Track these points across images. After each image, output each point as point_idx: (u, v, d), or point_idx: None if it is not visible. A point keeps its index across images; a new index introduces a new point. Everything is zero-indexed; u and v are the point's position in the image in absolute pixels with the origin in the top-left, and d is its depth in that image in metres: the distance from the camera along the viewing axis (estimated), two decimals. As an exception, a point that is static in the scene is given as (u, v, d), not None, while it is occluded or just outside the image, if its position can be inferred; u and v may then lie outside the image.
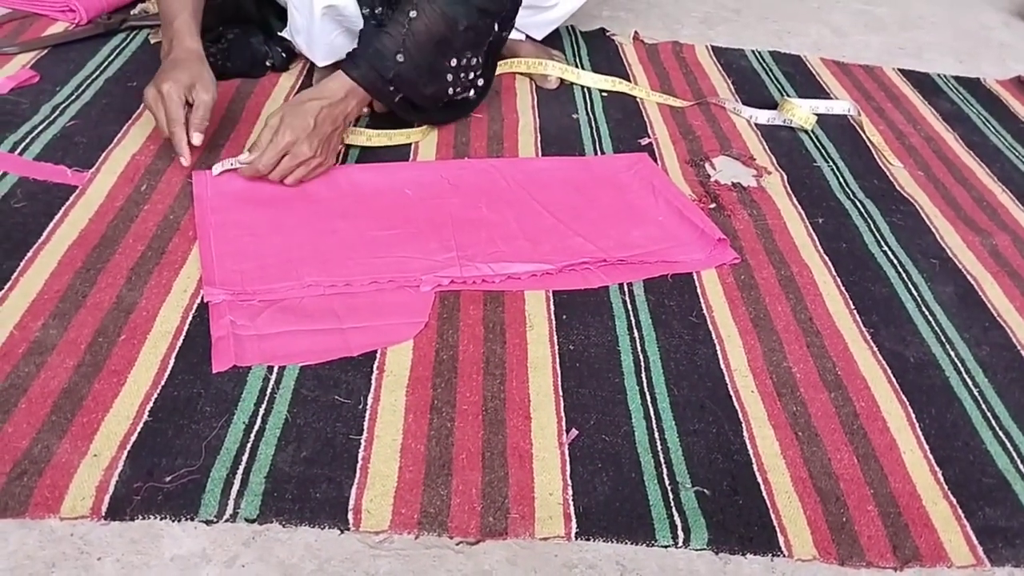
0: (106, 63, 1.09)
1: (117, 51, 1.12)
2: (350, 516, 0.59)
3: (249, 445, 0.63)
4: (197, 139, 0.87)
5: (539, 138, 1.09)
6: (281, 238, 0.84)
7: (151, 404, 0.65)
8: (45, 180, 0.86)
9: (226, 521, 0.58)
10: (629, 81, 1.25)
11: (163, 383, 0.67)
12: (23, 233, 0.80)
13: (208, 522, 0.58)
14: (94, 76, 1.06)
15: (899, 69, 1.44)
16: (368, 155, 1.00)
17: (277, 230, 0.85)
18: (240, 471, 0.61)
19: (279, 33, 1.11)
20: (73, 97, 1.01)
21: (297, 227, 0.85)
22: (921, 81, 1.41)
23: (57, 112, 0.97)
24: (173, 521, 0.58)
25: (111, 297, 0.74)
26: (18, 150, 0.90)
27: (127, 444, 0.62)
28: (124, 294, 0.75)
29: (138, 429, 0.63)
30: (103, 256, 0.78)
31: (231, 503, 0.59)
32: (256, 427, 0.65)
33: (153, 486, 0.59)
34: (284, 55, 1.12)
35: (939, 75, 1.44)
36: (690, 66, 1.35)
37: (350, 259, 0.82)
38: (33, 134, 0.93)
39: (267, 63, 1.11)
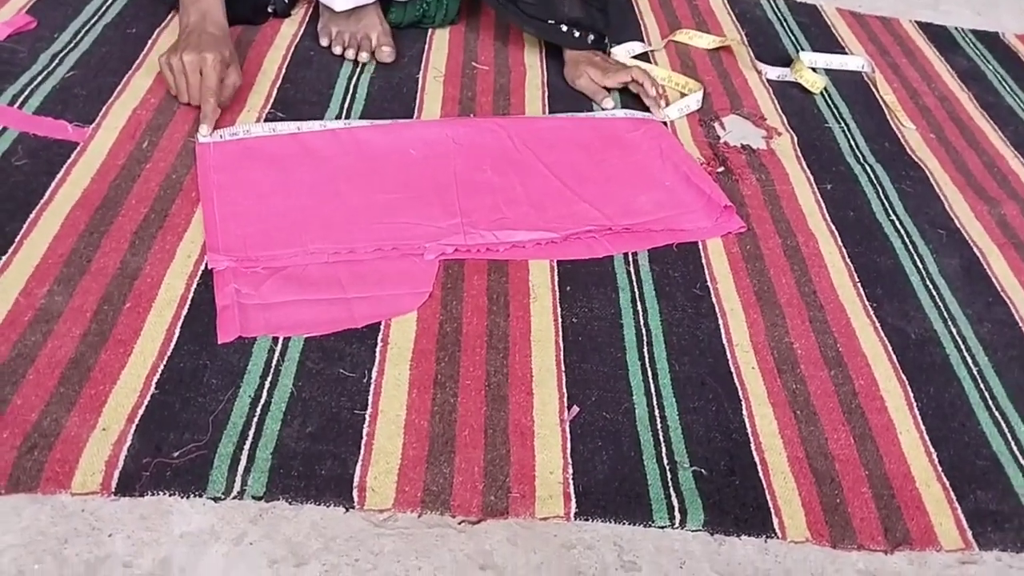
0: (104, 6, 1.06)
1: (115, -7, 1.09)
2: (355, 494, 0.61)
3: (255, 420, 0.64)
4: (217, 113, 0.90)
5: (547, 93, 1.07)
6: (285, 200, 0.83)
7: (158, 376, 0.66)
8: (46, 136, 0.85)
9: (234, 498, 0.59)
10: (643, 41, 1.22)
11: (169, 354, 0.68)
12: (25, 193, 0.79)
13: (216, 499, 0.59)
14: (92, 22, 1.03)
15: (916, 22, 1.41)
16: (372, 110, 0.98)
17: (281, 191, 0.84)
18: (247, 446, 0.62)
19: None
20: (72, 45, 0.98)
21: (301, 188, 0.85)
22: (938, 35, 1.38)
23: (56, 62, 0.95)
24: (182, 497, 0.59)
25: (115, 262, 0.74)
26: (17, 103, 0.88)
27: (135, 417, 0.63)
28: (128, 259, 0.75)
29: (145, 402, 0.64)
30: (106, 218, 0.78)
31: (238, 480, 0.60)
32: (262, 401, 0.66)
33: (162, 461, 0.60)
34: (286, 0, 1.09)
35: (956, 28, 1.41)
36: (703, 15, 1.31)
37: (354, 224, 0.81)
38: (32, 86, 0.91)
39: (268, 9, 1.09)
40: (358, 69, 1.04)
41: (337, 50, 1.05)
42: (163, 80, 0.92)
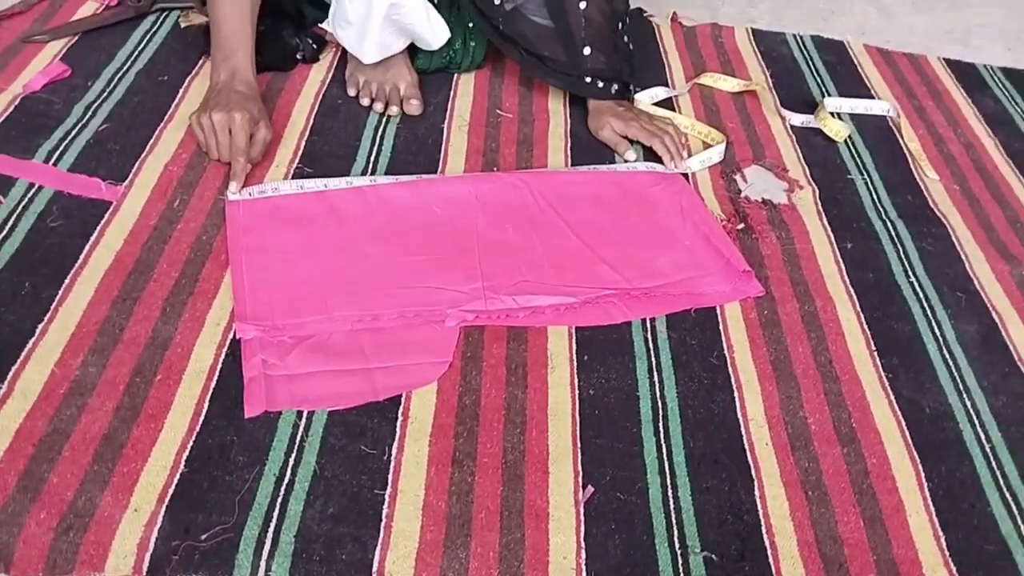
0: (137, 52, 1.08)
1: (148, 37, 1.11)
2: (374, 579, 0.63)
3: (280, 499, 0.66)
4: (248, 169, 0.93)
5: (569, 144, 1.08)
6: (311, 263, 0.85)
7: (187, 453, 0.68)
8: (80, 195, 0.88)
9: (258, 584, 0.62)
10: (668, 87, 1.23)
11: (198, 429, 0.70)
12: (60, 256, 0.82)
13: (241, 583, 0.62)
14: (125, 68, 1.05)
15: (944, 59, 1.40)
16: (398, 163, 1.00)
17: (308, 253, 0.86)
18: (271, 529, 0.64)
19: (319, 25, 1.09)
20: (105, 95, 1.01)
21: (327, 250, 0.87)
22: (966, 73, 1.37)
23: (89, 113, 0.98)
24: (209, 582, 0.61)
25: (147, 331, 0.77)
26: (52, 159, 0.91)
27: (165, 497, 0.65)
28: (159, 327, 0.77)
29: (175, 481, 0.66)
30: (138, 284, 0.80)
31: (263, 564, 0.62)
32: (286, 479, 0.68)
33: (190, 544, 0.62)
34: (315, 46, 1.11)
35: (985, 66, 1.40)
36: (728, 54, 1.32)
37: (378, 289, 0.83)
38: (66, 140, 0.94)
39: (297, 56, 1.10)
40: (384, 119, 1.06)
41: (365, 102, 1.06)
42: (193, 134, 0.95)
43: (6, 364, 0.72)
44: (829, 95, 1.25)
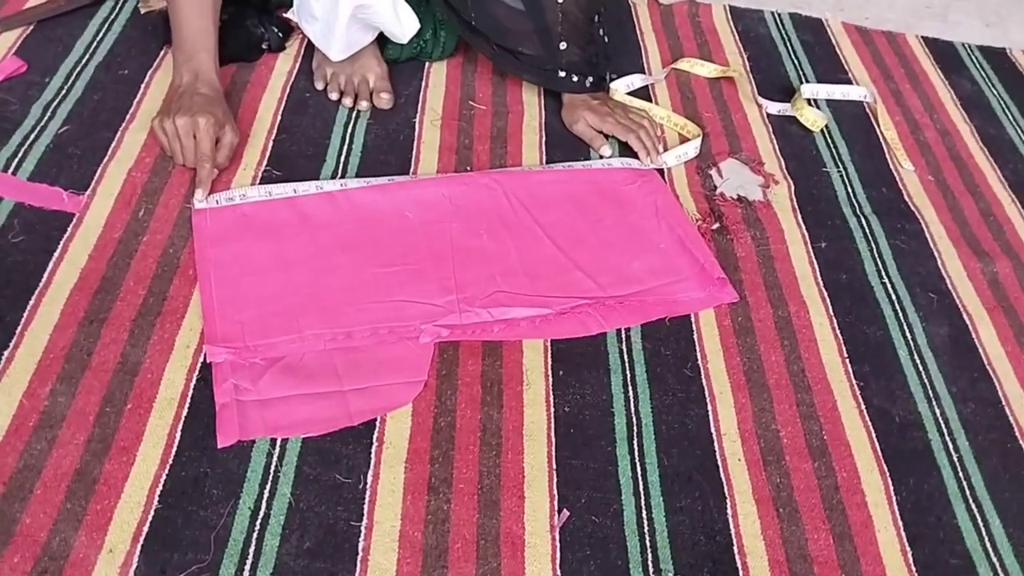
0: (95, 43, 1.04)
1: (106, 25, 1.07)
2: (352, 616, 0.63)
3: (255, 535, 0.66)
4: (214, 175, 0.90)
5: (544, 139, 1.06)
6: (281, 277, 0.84)
7: (160, 487, 0.68)
8: (41, 207, 0.85)
9: (236, 624, 0.62)
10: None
11: (171, 462, 0.69)
12: (23, 275, 0.80)
13: (219, 625, 0.62)
14: (83, 62, 1.01)
15: (922, 37, 1.38)
16: (368, 162, 0.98)
17: (278, 266, 0.84)
18: (248, 567, 0.64)
19: (283, 15, 1.06)
20: (63, 93, 0.97)
21: (297, 263, 0.85)
22: (944, 53, 1.36)
23: (48, 115, 0.94)
24: (187, 624, 0.62)
25: (115, 356, 0.75)
26: (11, 167, 0.88)
27: (140, 536, 0.65)
28: (128, 351, 0.76)
29: (149, 518, 0.66)
30: (105, 304, 0.79)
31: (240, 605, 0.63)
32: (261, 512, 0.68)
33: (167, 585, 0.63)
34: (280, 34, 1.08)
35: (963, 44, 1.39)
36: (706, 34, 1.29)
37: (350, 305, 0.82)
38: (25, 145, 0.90)
39: (263, 46, 1.07)
40: (354, 114, 1.03)
41: (334, 96, 1.04)
42: (156, 138, 0.92)
43: (-27, 395, 0.71)
44: (807, 79, 1.24)
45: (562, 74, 1.04)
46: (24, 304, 0.77)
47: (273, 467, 0.71)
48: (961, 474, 0.81)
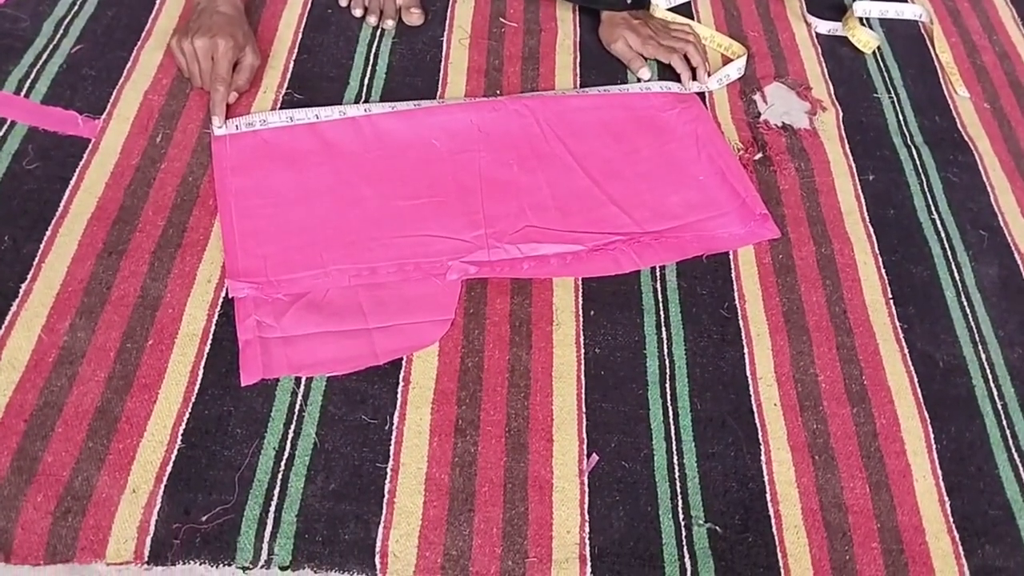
0: (107, -49, 0.99)
1: (118, -66, 1.02)
2: (377, 560, 0.63)
3: (280, 476, 0.65)
4: (233, 98, 0.86)
5: (578, 60, 1.01)
6: (305, 208, 0.81)
7: (183, 426, 0.67)
8: (56, 131, 0.82)
9: (261, 567, 0.62)
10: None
11: (193, 400, 0.68)
12: (39, 204, 0.77)
13: (244, 568, 0.61)
14: (96, -25, 0.97)
15: (986, -51, 1.29)
16: (394, 85, 0.93)
17: (302, 197, 0.81)
18: (272, 508, 0.64)
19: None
20: (76, 8, 0.93)
21: (321, 194, 0.82)
22: (1009, -33, 1.27)
23: (60, 32, 0.90)
24: (211, 566, 0.61)
25: (135, 289, 0.73)
26: (24, 89, 0.85)
27: (163, 476, 0.64)
28: (148, 285, 0.74)
29: (172, 458, 0.65)
30: (123, 235, 0.76)
31: (265, 547, 0.62)
32: (286, 454, 0.67)
33: (191, 527, 0.62)
34: (301, -55, 1.02)
35: (1030, -43, 1.29)
36: (752, -56, 1.21)
37: (375, 240, 0.79)
38: (37, 65, 0.87)
39: (283, -42, 1.01)
40: (378, 33, 0.98)
41: (357, 13, 0.98)
42: (173, 59, 0.88)
43: (-8, 329, 0.70)
44: (859, -5, 1.16)
45: None
46: (41, 235, 0.75)
47: (298, 406, 0.69)
48: (1005, 422, 0.78)
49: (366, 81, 0.93)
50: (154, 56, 0.90)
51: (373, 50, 0.97)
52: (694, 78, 0.99)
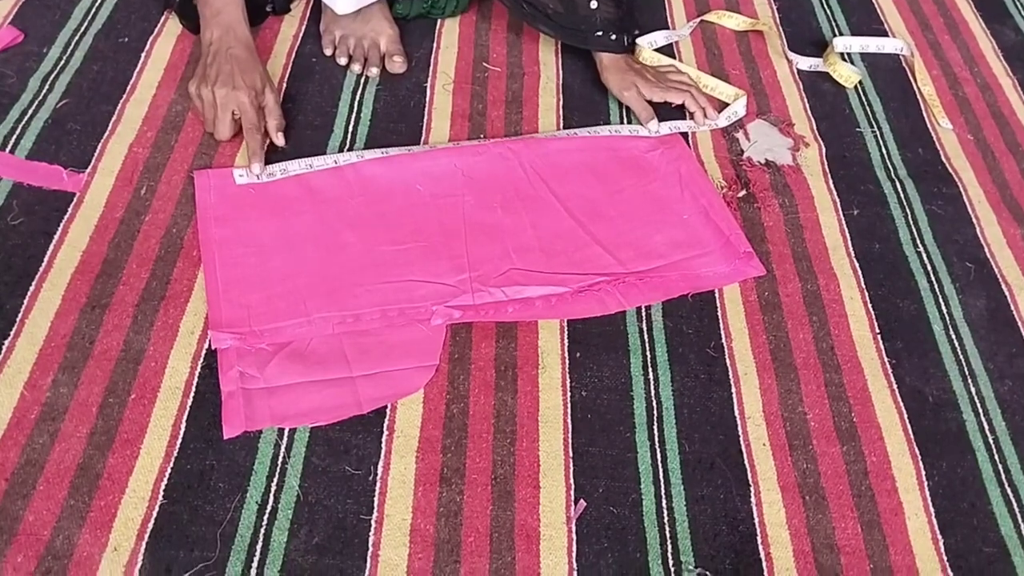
0: (94, 8, 1.00)
1: (105, -12, 1.03)
2: (361, 616, 0.62)
3: (263, 530, 0.65)
4: (281, 140, 0.89)
5: (561, 101, 1.02)
6: (287, 256, 0.81)
7: (165, 481, 0.66)
8: (41, 186, 0.83)
9: (243, 625, 0.61)
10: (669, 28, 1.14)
11: (175, 454, 0.68)
12: (23, 260, 0.77)
13: (226, 626, 0.61)
14: (82, 30, 0.98)
15: (965, -18, 1.30)
16: (378, 132, 0.94)
17: (284, 245, 0.82)
18: (255, 564, 0.63)
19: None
20: (62, 63, 0.94)
21: (304, 241, 0.82)
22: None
23: (46, 87, 0.91)
24: (193, 625, 0.60)
25: (118, 343, 0.73)
26: (10, 144, 0.85)
27: (144, 533, 0.63)
28: (131, 338, 0.74)
29: (154, 514, 0.64)
30: (107, 288, 0.77)
31: (247, 604, 0.61)
32: (269, 507, 0.66)
33: (172, 585, 0.61)
34: (285, -4, 1.03)
35: (1009, -12, 1.31)
36: (733, -15, 1.22)
37: (359, 286, 0.79)
38: (23, 120, 0.88)
39: (267, 8, 1.02)
40: (362, 80, 0.99)
41: (342, 61, 0.99)
42: (158, 108, 0.89)
43: (-27, 387, 0.69)
44: (839, 32, 1.17)
45: (599, 33, 0.98)
46: (24, 290, 0.76)
47: (281, 459, 0.69)
48: (996, 457, 0.77)
49: (350, 128, 0.94)
50: (139, 110, 0.91)
51: (357, 97, 0.97)
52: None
